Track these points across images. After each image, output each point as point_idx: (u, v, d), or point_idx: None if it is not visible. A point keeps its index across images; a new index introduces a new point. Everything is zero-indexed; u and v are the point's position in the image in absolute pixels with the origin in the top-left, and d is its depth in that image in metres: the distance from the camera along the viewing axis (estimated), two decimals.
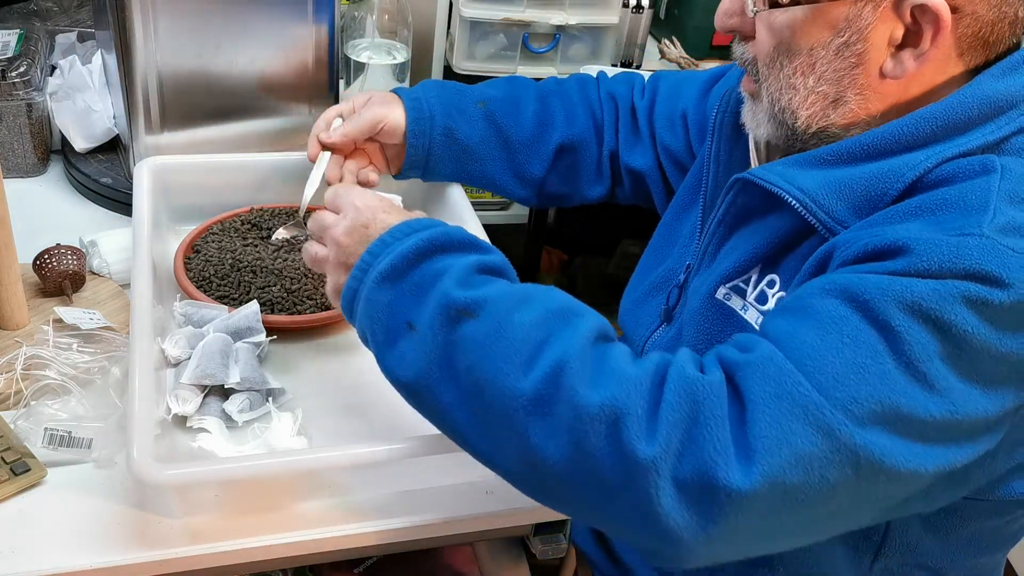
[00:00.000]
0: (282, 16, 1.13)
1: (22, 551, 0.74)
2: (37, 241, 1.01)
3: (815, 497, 0.65)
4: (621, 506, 0.65)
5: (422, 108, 1.06)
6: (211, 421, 0.84)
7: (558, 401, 0.65)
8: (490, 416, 0.68)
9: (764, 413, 0.64)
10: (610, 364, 0.68)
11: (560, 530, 0.86)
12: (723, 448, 0.63)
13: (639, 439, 0.64)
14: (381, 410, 0.90)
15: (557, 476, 0.66)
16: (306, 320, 0.96)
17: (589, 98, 1.13)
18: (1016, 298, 0.66)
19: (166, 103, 1.13)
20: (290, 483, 0.78)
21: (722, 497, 0.63)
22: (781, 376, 0.65)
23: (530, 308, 0.70)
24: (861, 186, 0.75)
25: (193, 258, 1.03)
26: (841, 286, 0.68)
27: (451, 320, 0.70)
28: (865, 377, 0.65)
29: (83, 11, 1.50)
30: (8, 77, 1.19)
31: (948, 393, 0.66)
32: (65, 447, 0.80)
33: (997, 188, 0.70)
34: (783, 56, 0.79)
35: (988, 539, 0.86)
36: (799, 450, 0.63)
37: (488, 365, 0.68)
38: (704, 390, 0.66)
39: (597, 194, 1.15)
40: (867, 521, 0.73)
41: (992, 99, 0.75)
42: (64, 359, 0.88)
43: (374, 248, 0.76)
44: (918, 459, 0.66)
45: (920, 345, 0.65)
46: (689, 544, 0.65)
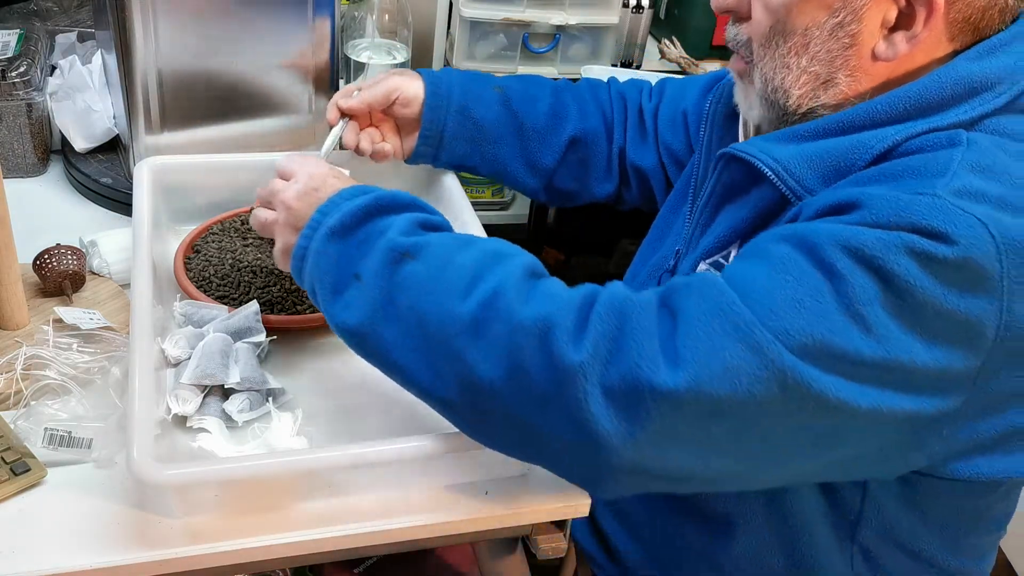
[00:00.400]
0: (282, 16, 1.13)
1: (22, 551, 0.74)
2: (37, 241, 1.01)
3: (742, 412, 0.67)
4: (553, 418, 0.68)
5: (440, 84, 1.07)
6: (211, 421, 0.84)
7: (494, 321, 0.70)
8: (431, 346, 0.72)
9: (695, 326, 0.67)
10: (543, 288, 0.72)
11: (560, 530, 0.86)
12: (650, 355, 0.67)
13: (567, 346, 0.67)
14: (381, 410, 0.90)
15: (493, 394, 0.70)
16: (306, 320, 0.96)
17: (600, 98, 1.15)
18: (961, 255, 0.67)
19: (166, 103, 1.13)
20: (290, 483, 0.78)
21: (647, 397, 0.66)
22: (718, 296, 0.68)
23: (469, 249, 0.76)
24: (832, 157, 0.77)
25: (193, 258, 1.03)
26: (793, 233, 0.71)
27: (394, 263, 0.75)
28: (802, 312, 0.67)
29: (83, 11, 1.50)
30: (8, 77, 1.19)
31: (885, 339, 0.67)
32: (65, 447, 0.80)
33: (960, 158, 0.72)
34: (778, 36, 0.81)
35: (967, 522, 0.87)
36: (727, 362, 0.66)
37: (428, 298, 0.72)
38: (633, 305, 0.70)
39: (604, 192, 1.16)
40: (813, 467, 0.74)
41: (967, 80, 0.76)
42: (64, 359, 0.88)
43: (324, 207, 0.80)
44: (848, 393, 0.68)
45: (862, 289, 0.67)
46: (617, 448, 0.68)
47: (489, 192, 2.33)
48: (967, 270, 0.67)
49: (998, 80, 0.76)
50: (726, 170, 0.86)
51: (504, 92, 1.10)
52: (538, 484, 0.84)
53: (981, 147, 0.73)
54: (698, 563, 0.94)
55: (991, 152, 0.73)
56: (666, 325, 0.69)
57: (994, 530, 0.91)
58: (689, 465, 0.70)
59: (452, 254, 0.75)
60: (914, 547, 0.86)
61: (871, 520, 0.85)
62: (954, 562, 0.89)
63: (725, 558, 0.91)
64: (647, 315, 0.69)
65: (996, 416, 0.76)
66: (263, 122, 1.19)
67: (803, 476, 0.77)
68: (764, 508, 0.87)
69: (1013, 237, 0.68)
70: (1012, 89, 0.76)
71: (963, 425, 0.75)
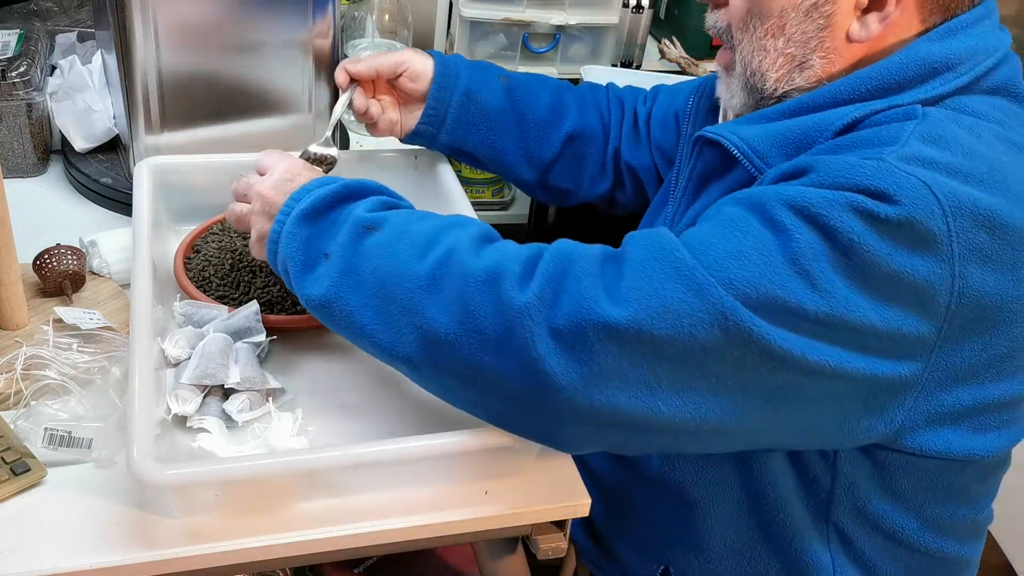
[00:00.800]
0: (282, 16, 1.13)
1: (22, 551, 0.74)
2: (37, 241, 1.01)
3: (685, 354, 0.69)
4: (505, 363, 0.71)
5: (449, 66, 1.08)
6: (211, 421, 0.84)
7: (449, 275, 0.74)
8: (391, 307, 0.76)
9: (638, 269, 0.70)
10: (495, 246, 0.77)
11: (560, 530, 0.86)
12: (593, 295, 0.69)
13: (513, 290, 0.71)
14: (381, 410, 0.90)
15: (449, 343, 0.73)
16: (306, 320, 0.96)
17: (599, 99, 1.16)
18: (904, 214, 0.68)
19: (166, 103, 1.13)
20: (290, 483, 0.78)
21: (590, 333, 0.68)
22: (664, 244, 0.71)
23: (429, 219, 0.81)
24: (795, 135, 0.79)
25: (193, 258, 1.03)
26: (746, 195, 0.74)
27: (358, 236, 0.79)
28: (747, 264, 0.69)
29: (83, 11, 1.50)
30: (8, 77, 1.19)
31: (830, 295, 0.68)
32: (65, 447, 0.80)
33: (912, 129, 0.74)
34: (755, 18, 0.83)
35: (942, 501, 0.87)
36: (667, 302, 0.68)
37: (389, 261, 0.77)
38: (578, 252, 0.73)
39: (598, 192, 1.17)
40: (771, 427, 0.75)
41: (927, 61, 0.78)
42: (64, 359, 0.88)
43: (297, 194, 0.84)
44: (793, 344, 0.69)
45: (808, 245, 0.69)
46: (566, 388, 0.70)
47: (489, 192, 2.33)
48: (910, 229, 0.68)
49: (959, 60, 0.78)
50: (702, 155, 0.88)
51: (508, 82, 1.11)
52: (538, 484, 0.85)
53: (935, 119, 0.75)
54: (683, 549, 0.94)
55: (944, 124, 0.74)
56: (611, 270, 0.72)
57: (974, 512, 0.90)
58: (639, 410, 0.71)
59: (412, 223, 0.80)
60: (889, 527, 0.87)
61: (842, 499, 0.85)
62: (933, 544, 0.88)
63: (708, 542, 0.92)
64: (591, 261, 0.72)
65: (962, 389, 0.77)
66: (263, 122, 1.19)
67: (763, 437, 0.78)
68: (739, 488, 0.88)
69: (960, 201, 0.69)
70: (974, 70, 0.78)
71: (926, 396, 0.76)
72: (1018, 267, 0.72)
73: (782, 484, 0.86)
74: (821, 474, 0.85)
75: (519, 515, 0.83)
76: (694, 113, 1.02)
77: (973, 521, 0.91)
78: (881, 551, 0.89)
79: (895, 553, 0.89)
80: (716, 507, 0.90)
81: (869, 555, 0.89)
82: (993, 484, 0.91)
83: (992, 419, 0.81)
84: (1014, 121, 0.78)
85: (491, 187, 2.33)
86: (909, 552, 0.89)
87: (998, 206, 0.70)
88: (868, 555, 0.89)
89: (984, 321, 0.73)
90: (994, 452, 0.83)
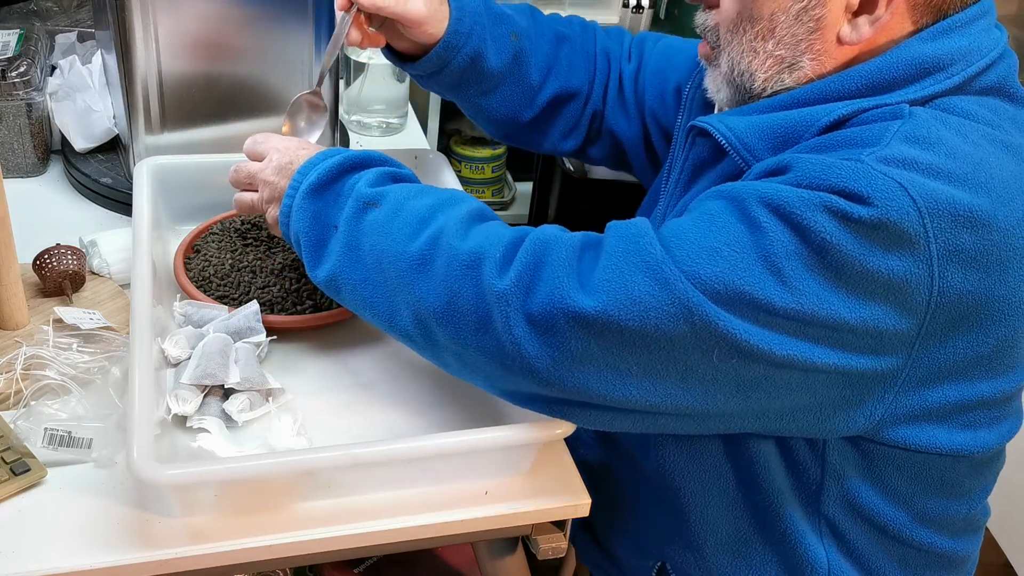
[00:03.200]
0: (282, 16, 1.13)
1: (22, 551, 0.74)
2: (37, 241, 1.01)
3: (654, 345, 0.71)
4: (487, 343, 0.75)
5: (463, 23, 1.01)
6: (211, 421, 0.84)
7: (437, 256, 0.77)
8: (389, 283, 0.80)
9: (610, 260, 0.73)
10: (483, 227, 0.80)
11: (560, 530, 0.86)
12: (567, 283, 0.72)
13: (493, 275, 0.74)
14: (381, 410, 0.90)
15: (439, 322, 0.77)
16: (306, 320, 0.96)
17: (587, 50, 1.12)
18: (878, 216, 0.68)
19: (166, 103, 1.13)
20: (290, 483, 0.78)
21: (562, 320, 0.72)
22: (638, 238, 0.73)
23: (424, 196, 0.83)
24: (781, 128, 0.80)
25: (193, 258, 1.03)
26: (727, 189, 0.75)
27: (360, 211, 0.82)
28: (717, 260, 0.70)
29: (83, 11, 1.50)
30: (8, 77, 1.19)
31: (800, 292, 0.70)
32: (65, 447, 0.80)
33: (896, 129, 0.74)
34: (745, 21, 0.83)
35: (932, 496, 0.87)
36: (634, 294, 0.70)
37: (385, 239, 0.80)
38: (556, 241, 0.75)
39: (566, 148, 1.15)
40: (746, 412, 0.76)
41: (918, 61, 0.78)
42: (64, 359, 0.88)
43: (303, 169, 0.87)
44: (761, 339, 0.70)
45: (780, 243, 0.70)
46: (540, 372, 0.74)
47: (489, 192, 2.33)
48: (885, 230, 0.69)
49: (951, 61, 0.78)
50: (695, 146, 0.88)
51: (519, 43, 1.06)
52: (538, 484, 0.85)
53: (920, 119, 0.75)
54: (679, 545, 0.94)
55: (928, 124, 0.74)
56: (588, 260, 0.74)
57: (967, 507, 0.90)
58: (611, 393, 0.74)
59: (408, 200, 0.82)
60: (880, 520, 0.87)
61: (832, 490, 0.86)
62: (926, 538, 0.88)
63: (702, 537, 0.92)
64: (569, 250, 0.74)
65: (948, 385, 0.77)
66: (263, 122, 1.19)
67: (739, 421, 0.79)
68: (732, 482, 0.88)
69: (938, 202, 0.69)
70: (966, 71, 0.78)
71: (908, 390, 0.76)
72: (1005, 266, 0.72)
73: (773, 476, 0.86)
74: (811, 465, 0.85)
75: (519, 515, 0.83)
76: (689, 103, 1.01)
77: (967, 516, 0.91)
78: (873, 545, 0.89)
79: (888, 547, 0.89)
80: (709, 501, 0.90)
81: (862, 549, 0.89)
82: (986, 480, 0.91)
83: (982, 415, 0.81)
84: (1005, 121, 0.78)
85: (491, 187, 2.33)
86: (902, 546, 0.89)
87: (980, 206, 0.70)
88: (861, 549, 0.89)
89: (969, 319, 0.73)
90: (984, 448, 0.83)
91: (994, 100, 0.79)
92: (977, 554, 0.97)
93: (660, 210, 0.97)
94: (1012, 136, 0.77)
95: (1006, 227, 0.72)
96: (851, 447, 0.83)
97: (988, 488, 0.92)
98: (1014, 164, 0.75)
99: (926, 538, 0.88)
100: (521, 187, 2.34)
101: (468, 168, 2.28)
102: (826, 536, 0.88)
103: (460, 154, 2.27)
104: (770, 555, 0.90)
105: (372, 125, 1.49)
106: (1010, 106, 0.80)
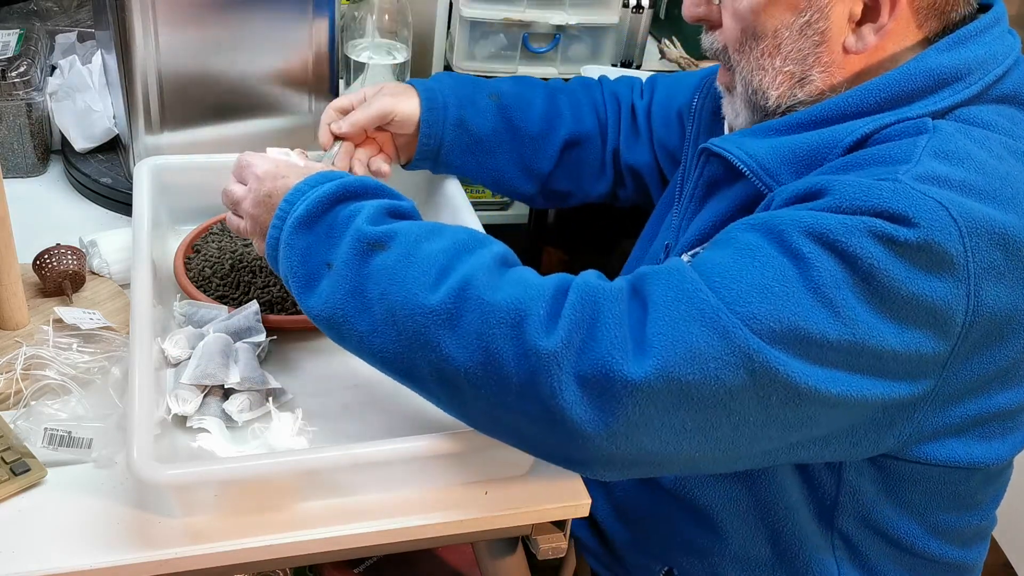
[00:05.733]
0: (282, 16, 1.13)
1: (22, 551, 0.74)
2: (37, 241, 1.01)
3: (712, 398, 0.68)
4: (528, 406, 0.69)
5: (436, 99, 1.05)
6: (211, 421, 0.84)
7: (466, 311, 0.70)
8: (403, 338, 0.73)
9: (663, 313, 0.68)
10: (514, 276, 0.73)
11: (560, 530, 0.86)
12: (621, 343, 0.67)
13: (539, 335, 0.68)
14: (381, 410, 0.90)
15: (470, 382, 0.71)
16: (306, 320, 0.96)
17: (594, 98, 1.15)
18: (923, 237, 0.67)
19: (166, 103, 1.13)
20: (290, 483, 0.78)
21: (619, 387, 0.67)
22: (684, 283, 0.69)
23: (438, 238, 0.76)
24: (804, 151, 0.78)
25: (193, 258, 1.03)
26: (761, 221, 0.72)
27: (363, 254, 0.75)
28: (769, 297, 0.68)
29: (83, 11, 1.50)
30: (8, 77, 1.19)
31: (853, 322, 0.68)
32: (65, 447, 0.80)
33: (924, 145, 0.73)
34: (750, 40, 0.82)
35: (946, 508, 0.86)
36: (693, 347, 0.67)
37: (398, 289, 0.73)
38: (605, 294, 0.70)
39: (599, 192, 1.16)
40: (787, 451, 0.75)
41: (936, 72, 0.77)
42: (64, 359, 0.88)
43: (290, 196, 0.80)
44: (817, 379, 0.68)
45: (828, 273, 0.68)
46: (591, 438, 0.69)
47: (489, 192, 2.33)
48: (929, 252, 0.68)
49: (968, 71, 0.77)
50: (708, 165, 0.87)
51: (499, 100, 1.09)
52: (538, 484, 0.85)
53: (946, 134, 0.74)
54: (689, 553, 0.94)
55: (955, 139, 0.74)
56: (636, 313, 0.70)
57: (978, 518, 0.90)
58: (664, 452, 0.71)
59: (422, 243, 0.75)
60: (893, 533, 0.87)
61: (847, 505, 0.85)
62: (938, 550, 0.88)
63: (714, 547, 0.92)
64: (619, 304, 0.70)
65: (969, 400, 0.77)
66: (263, 122, 1.19)
67: (774, 457, 0.78)
68: (747, 497, 0.88)
69: (975, 221, 0.69)
70: (983, 80, 0.77)
71: (935, 409, 0.76)
72: None
73: (789, 492, 0.86)
74: (827, 482, 0.85)
75: (519, 515, 0.83)
76: (697, 115, 1.01)
77: (978, 527, 0.91)
78: (886, 557, 0.88)
79: (900, 559, 0.89)
80: (724, 514, 0.90)
81: (874, 561, 0.88)
82: (998, 490, 0.91)
83: (997, 427, 0.81)
84: (1022, 131, 0.78)
85: None
86: (913, 558, 0.89)
87: (1011, 223, 0.70)
88: (873, 561, 0.88)
89: (995, 335, 0.73)
90: (999, 459, 0.83)
91: (1010, 109, 0.79)
92: (983, 561, 0.97)
93: (672, 227, 0.96)
94: None
95: None
96: (869, 464, 0.83)
97: (998, 499, 0.92)
98: None
99: (938, 549, 0.88)
100: None
101: None
102: (838, 549, 0.88)
103: None
104: (779, 565, 0.90)
105: None
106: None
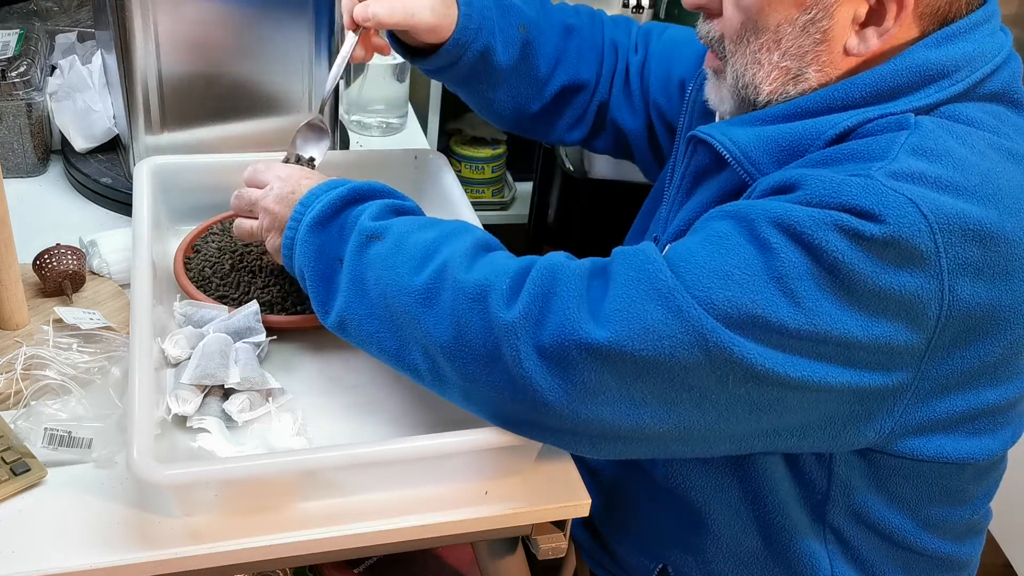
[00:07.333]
0: (282, 16, 1.13)
1: (22, 551, 0.74)
2: (37, 241, 1.01)
3: (668, 373, 0.70)
4: (496, 376, 0.74)
5: (472, 19, 1.00)
6: (211, 421, 0.84)
7: (442, 290, 0.76)
8: (395, 318, 0.79)
9: (622, 290, 0.71)
10: (487, 258, 0.78)
11: (560, 530, 0.86)
12: (577, 315, 0.71)
13: (501, 308, 0.73)
14: (381, 410, 0.90)
15: (446, 356, 0.76)
16: (306, 320, 0.96)
17: (595, 40, 1.11)
18: (890, 233, 0.68)
19: (166, 103, 1.13)
20: (290, 483, 0.78)
21: (574, 353, 0.70)
22: (647, 263, 0.72)
23: (428, 229, 0.82)
24: (787, 140, 0.79)
25: (193, 258, 1.03)
26: (735, 209, 0.74)
27: (363, 246, 0.81)
28: (729, 283, 0.69)
29: (83, 11, 1.50)
30: (8, 77, 1.19)
31: (813, 312, 0.69)
32: (65, 447, 0.80)
33: (903, 141, 0.73)
34: (750, 32, 0.81)
35: (937, 503, 0.86)
36: (648, 324, 0.70)
37: (389, 274, 0.79)
38: (564, 270, 0.74)
39: (574, 139, 1.15)
40: (757, 433, 0.76)
41: (923, 68, 0.77)
42: (64, 359, 0.88)
43: (305, 199, 0.86)
44: (775, 362, 0.70)
45: (792, 264, 0.69)
46: (553, 405, 0.73)
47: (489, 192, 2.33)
48: (897, 248, 0.68)
49: (956, 67, 0.77)
50: (695, 154, 0.87)
51: (527, 34, 1.05)
52: (538, 484, 0.85)
53: (926, 130, 0.74)
54: (682, 549, 0.95)
55: (935, 135, 0.74)
56: (597, 289, 0.73)
57: (970, 512, 0.90)
58: (625, 423, 0.73)
59: (411, 233, 0.81)
60: (885, 527, 0.87)
61: (838, 500, 0.86)
62: (930, 544, 0.88)
63: (706, 543, 0.92)
64: (577, 279, 0.73)
65: (955, 395, 0.77)
66: (263, 122, 1.19)
67: (750, 442, 0.78)
68: (738, 489, 0.88)
69: (948, 217, 0.69)
70: (970, 77, 0.77)
71: (917, 403, 0.76)
72: (1011, 275, 0.72)
73: (779, 486, 0.86)
74: (817, 476, 0.85)
75: (519, 515, 0.83)
76: (691, 106, 1.00)
77: (970, 521, 0.91)
78: (878, 552, 0.89)
79: (892, 554, 0.89)
80: (715, 509, 0.90)
81: (866, 555, 0.89)
82: (990, 485, 0.91)
83: (987, 422, 0.81)
84: (1010, 129, 0.78)
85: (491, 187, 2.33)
86: (906, 552, 0.89)
87: (988, 218, 0.70)
88: (865, 555, 0.89)
89: (977, 330, 0.73)
90: (989, 454, 0.83)
91: (998, 107, 0.79)
92: (979, 557, 0.97)
93: (661, 219, 0.97)
94: (1016, 144, 0.77)
95: (1013, 238, 0.72)
96: (858, 458, 0.83)
97: (991, 493, 0.92)
98: (1019, 173, 0.75)
99: (930, 543, 0.89)
100: (521, 187, 2.33)
101: (468, 168, 2.28)
102: (831, 543, 0.88)
103: (460, 154, 2.27)
104: (772, 560, 0.90)
105: (372, 125, 1.49)
106: (1013, 113, 0.80)
